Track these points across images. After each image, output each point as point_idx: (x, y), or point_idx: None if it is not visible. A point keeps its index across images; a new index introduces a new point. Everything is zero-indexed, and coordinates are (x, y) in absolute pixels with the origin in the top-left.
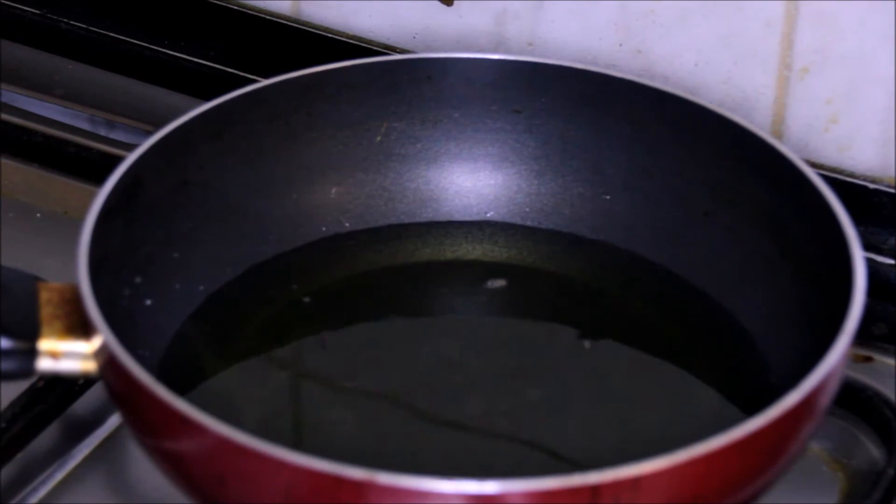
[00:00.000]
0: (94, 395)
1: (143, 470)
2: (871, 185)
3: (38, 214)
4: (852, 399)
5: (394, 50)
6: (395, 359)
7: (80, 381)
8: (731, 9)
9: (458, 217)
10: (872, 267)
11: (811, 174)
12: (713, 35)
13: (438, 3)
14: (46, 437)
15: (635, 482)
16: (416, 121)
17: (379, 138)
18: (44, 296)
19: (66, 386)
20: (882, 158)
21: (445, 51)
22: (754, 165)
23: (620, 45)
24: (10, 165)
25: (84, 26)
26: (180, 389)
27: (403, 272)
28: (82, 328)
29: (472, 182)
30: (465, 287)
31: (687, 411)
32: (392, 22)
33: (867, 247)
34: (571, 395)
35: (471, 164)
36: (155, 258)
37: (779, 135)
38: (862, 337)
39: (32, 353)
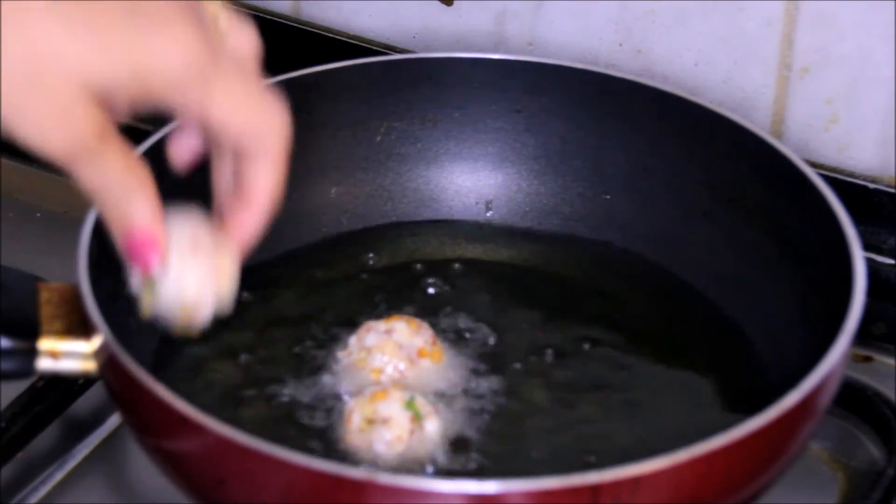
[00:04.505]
0: (94, 395)
1: (143, 470)
2: (871, 185)
3: (38, 214)
4: (852, 399)
5: (394, 50)
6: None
7: (80, 381)
8: (731, 9)
9: (458, 216)
10: (872, 267)
11: (811, 174)
12: (713, 35)
13: (438, 3)
14: (46, 437)
15: (635, 482)
16: (416, 121)
17: (379, 138)
18: (44, 296)
19: (66, 386)
20: (882, 158)
21: (445, 51)
22: (754, 165)
23: (620, 45)
24: (10, 165)
25: None
26: (181, 389)
27: (404, 271)
28: (82, 328)
29: (472, 182)
30: (465, 286)
31: (687, 410)
32: (392, 22)
33: (867, 247)
34: (571, 395)
35: (471, 164)
36: None
37: (779, 135)
38: (862, 337)
39: (32, 353)
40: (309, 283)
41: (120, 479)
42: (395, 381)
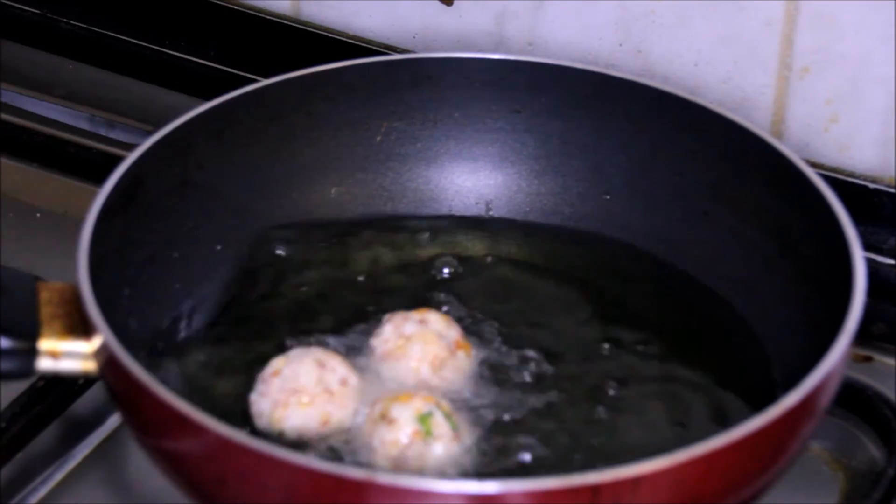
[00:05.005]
0: (94, 395)
1: (143, 470)
2: (871, 185)
3: (38, 214)
4: (852, 399)
5: (394, 50)
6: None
7: (80, 381)
8: (731, 9)
9: (458, 216)
10: (872, 267)
11: (811, 174)
12: (713, 35)
13: (438, 3)
14: (46, 437)
15: (635, 482)
16: (416, 121)
17: (379, 138)
18: (44, 296)
19: (66, 386)
20: (882, 158)
21: (445, 51)
22: (754, 165)
23: (620, 45)
24: (10, 165)
25: (84, 26)
26: (180, 389)
27: (403, 271)
28: (82, 328)
29: (472, 181)
30: (465, 286)
31: (687, 409)
32: (392, 22)
33: (867, 247)
34: (573, 393)
35: (471, 164)
36: (155, 258)
37: (779, 135)
38: (862, 337)
39: (32, 353)
40: (308, 283)
41: (120, 479)
42: (424, 382)
